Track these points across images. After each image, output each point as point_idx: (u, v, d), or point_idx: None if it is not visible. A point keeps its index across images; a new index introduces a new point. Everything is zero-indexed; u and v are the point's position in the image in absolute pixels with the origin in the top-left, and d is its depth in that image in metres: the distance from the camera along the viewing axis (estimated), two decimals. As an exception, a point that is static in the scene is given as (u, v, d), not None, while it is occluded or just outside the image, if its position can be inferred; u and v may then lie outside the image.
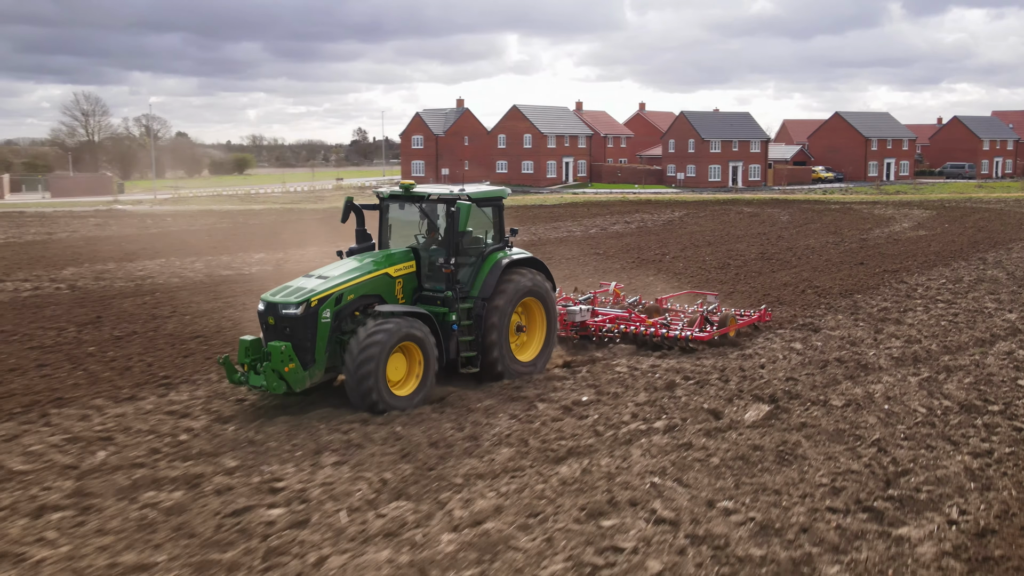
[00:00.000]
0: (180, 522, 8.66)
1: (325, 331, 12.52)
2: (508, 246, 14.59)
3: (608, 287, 19.23)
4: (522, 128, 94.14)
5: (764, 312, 18.24)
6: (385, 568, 7.61)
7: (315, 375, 12.58)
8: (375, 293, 13.28)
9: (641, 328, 16.55)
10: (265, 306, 12.70)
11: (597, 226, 46.18)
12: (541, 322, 14.83)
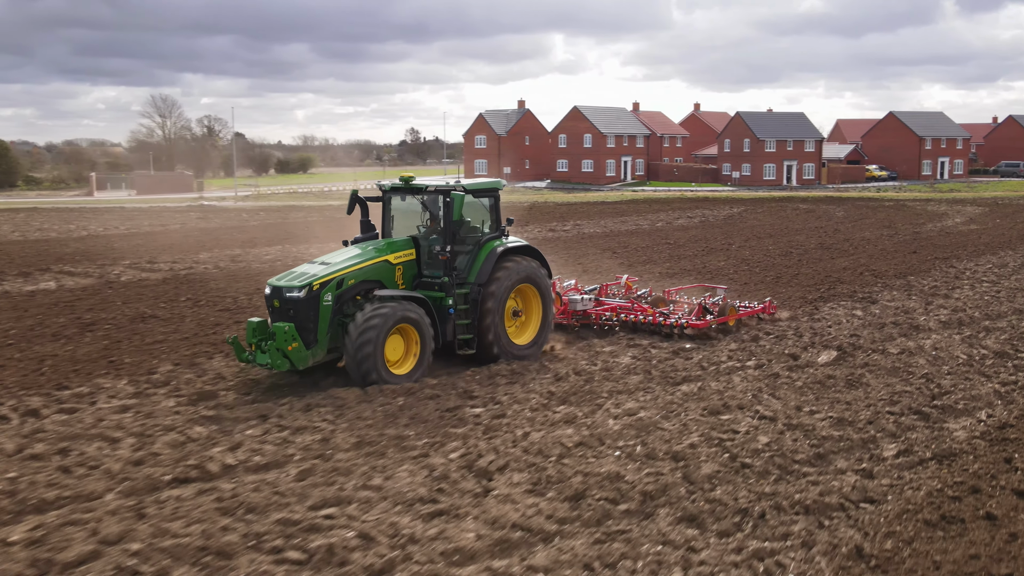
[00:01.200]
0: (412, 414, 12.04)
1: (327, 313, 13.38)
2: (504, 235, 15.32)
3: (620, 280, 20.27)
4: (582, 128, 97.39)
5: (768, 304, 18.71)
6: (574, 437, 10.88)
7: (317, 354, 13.44)
8: (375, 279, 14.09)
9: (640, 317, 17.25)
10: (271, 290, 13.61)
11: (662, 220, 49.16)
12: (537, 308, 15.54)
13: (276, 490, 9.20)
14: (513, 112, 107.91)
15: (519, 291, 15.26)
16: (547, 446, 10.54)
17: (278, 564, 7.55)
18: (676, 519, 8.54)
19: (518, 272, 14.90)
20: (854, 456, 10.38)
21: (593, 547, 7.91)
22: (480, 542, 7.94)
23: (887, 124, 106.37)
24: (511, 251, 15.08)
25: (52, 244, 36.99)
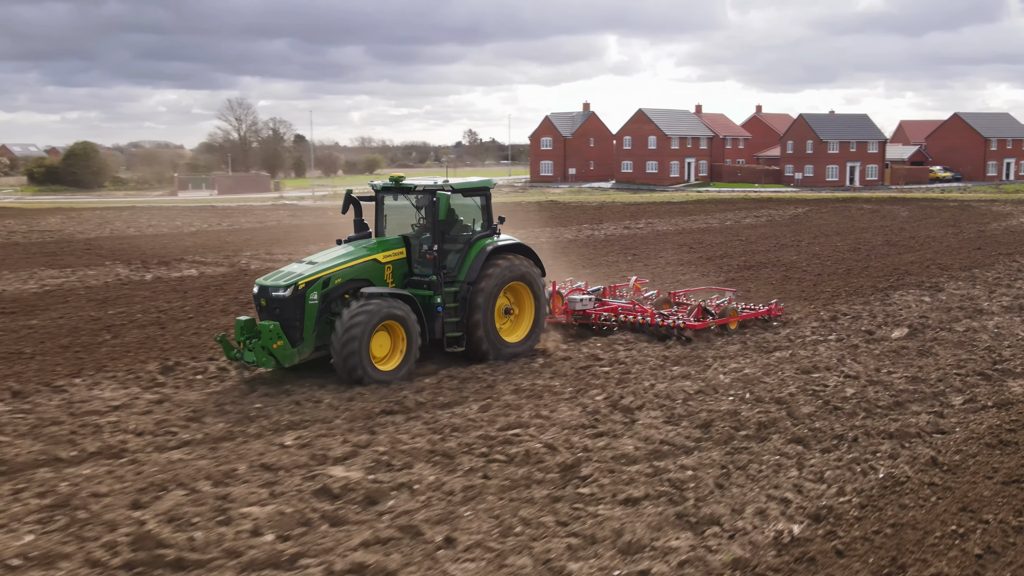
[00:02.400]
0: (553, 371, 14.57)
1: (313, 312, 13.61)
2: (496, 234, 15.48)
3: (629, 281, 20.38)
4: (647, 130, 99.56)
5: (774, 306, 18.70)
6: (692, 387, 13.30)
7: (304, 352, 13.68)
8: (364, 277, 14.26)
9: (639, 317, 17.32)
10: (258, 289, 13.91)
11: (730, 219, 51.16)
12: (530, 306, 15.68)
13: (467, 418, 11.81)
14: (578, 114, 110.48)
15: (511, 289, 15.44)
16: (672, 393, 12.99)
17: (490, 463, 10.11)
18: (786, 440, 10.93)
19: (508, 270, 15.03)
20: (927, 404, 12.65)
21: (725, 456, 10.35)
22: (638, 452, 10.43)
23: (952, 125, 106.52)
24: (502, 249, 15.22)
25: (170, 238, 40.42)
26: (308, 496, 9.05)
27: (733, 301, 18.63)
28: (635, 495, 9.07)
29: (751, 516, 8.58)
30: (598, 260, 30.57)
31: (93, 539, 7.98)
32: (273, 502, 8.88)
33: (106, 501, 8.86)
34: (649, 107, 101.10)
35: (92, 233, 43.74)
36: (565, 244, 36.45)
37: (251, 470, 9.80)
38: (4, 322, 19.26)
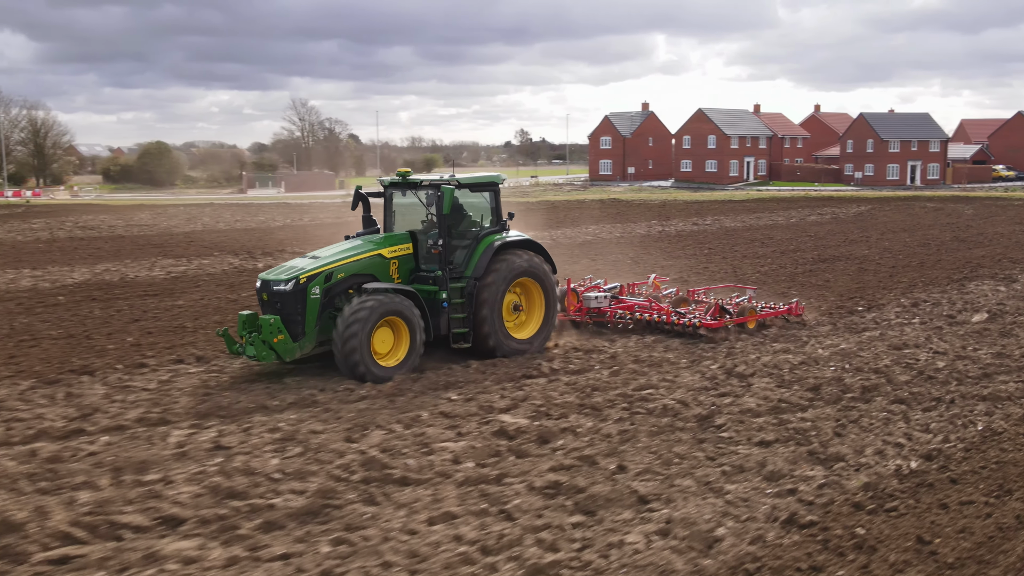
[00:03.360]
0: (666, 345, 16.14)
1: (314, 306, 13.52)
2: (505, 230, 15.33)
3: (649, 279, 20.43)
4: (706, 130, 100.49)
5: (795, 305, 18.32)
6: (795, 359, 14.77)
7: (305, 347, 13.63)
8: (368, 273, 14.16)
9: (655, 315, 17.16)
10: (261, 283, 13.89)
11: (795, 217, 52.14)
12: (540, 302, 15.52)
13: (601, 381, 13.44)
14: (637, 114, 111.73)
15: (521, 285, 15.32)
16: (778, 363, 14.48)
17: (633, 414, 11.72)
18: (889, 402, 12.38)
19: (516, 266, 14.88)
20: (1014, 375, 13.98)
21: (838, 412, 11.84)
22: (760, 407, 11.96)
23: (1015, 124, 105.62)
24: (511, 245, 15.10)
25: (263, 232, 42.70)
26: (489, 436, 10.75)
27: (753, 299, 18.21)
28: (767, 439, 10.63)
29: (871, 455, 10.09)
30: (676, 253, 32.01)
31: (328, 462, 9.76)
32: (462, 440, 10.60)
33: (323, 437, 10.66)
34: (709, 107, 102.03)
35: (186, 227, 46.24)
36: (638, 239, 37.91)
37: (432, 416, 11.55)
38: (154, 303, 21.36)
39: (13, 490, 8.97)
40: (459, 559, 7.40)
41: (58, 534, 7.91)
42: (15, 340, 16.92)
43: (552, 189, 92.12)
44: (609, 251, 32.45)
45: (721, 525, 8.08)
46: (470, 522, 8.18)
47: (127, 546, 7.73)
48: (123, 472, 9.50)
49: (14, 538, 7.80)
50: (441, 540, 7.77)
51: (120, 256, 32.11)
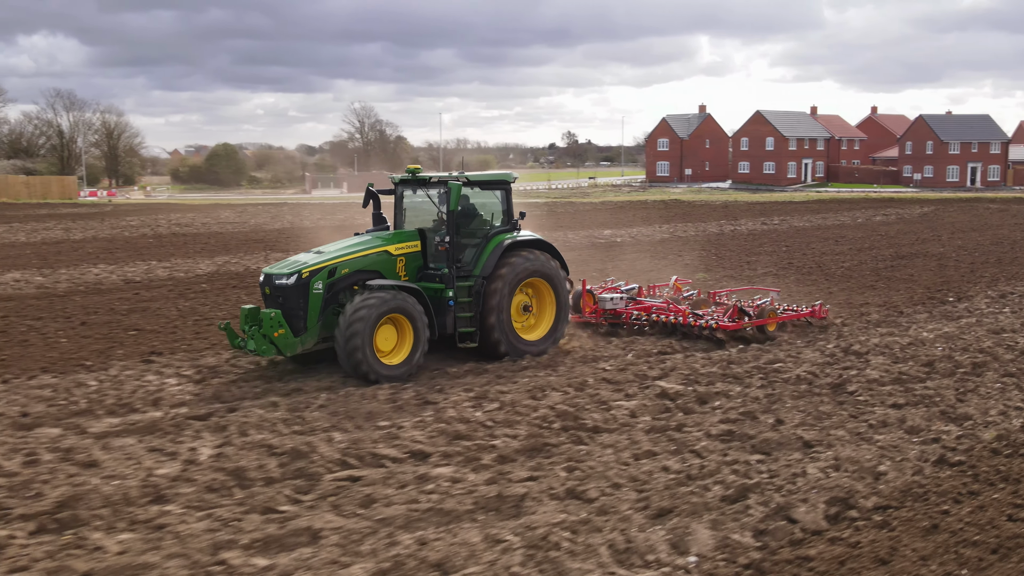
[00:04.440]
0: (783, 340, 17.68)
1: (317, 301, 13.38)
2: (516, 229, 15.12)
3: (670, 281, 19.86)
4: (764, 132, 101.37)
5: (819, 308, 17.96)
6: (902, 341, 16.21)
7: (307, 342, 13.47)
8: (373, 269, 14.01)
9: (671, 317, 16.77)
10: (264, 277, 13.79)
11: (861, 217, 53.10)
12: (550, 303, 15.30)
13: (732, 356, 15.01)
14: (694, 116, 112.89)
15: (532, 286, 15.14)
16: (888, 344, 15.91)
17: (771, 382, 13.25)
18: (1000, 375, 13.77)
19: (525, 266, 14.69)
20: (1108, 356, 15.32)
21: (955, 383, 13.27)
22: (884, 378, 13.44)
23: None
24: (521, 244, 14.93)
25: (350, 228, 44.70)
26: (653, 397, 12.40)
27: (775, 302, 17.96)
28: (899, 402, 12.13)
29: (995, 415, 11.55)
30: (755, 251, 33.39)
31: (525, 414, 11.48)
32: (632, 400, 12.26)
33: (511, 396, 12.38)
34: (767, 109, 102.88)
35: (274, 224, 48.52)
36: (714, 237, 39.31)
37: (597, 382, 13.23)
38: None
39: (274, 431, 10.82)
40: (673, 482, 9.06)
41: (336, 461, 9.73)
42: (191, 320, 18.94)
43: (611, 190, 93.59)
44: (689, 250, 33.91)
45: (881, 464, 9.63)
46: (669, 458, 9.84)
47: (396, 470, 9.52)
48: (356, 420, 11.31)
49: (304, 463, 9.63)
50: (652, 470, 9.44)
51: (230, 250, 34.27)
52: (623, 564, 7.30)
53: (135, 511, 8.40)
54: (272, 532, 7.83)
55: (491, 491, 8.78)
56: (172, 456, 9.91)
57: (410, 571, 7.10)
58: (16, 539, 7.73)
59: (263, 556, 7.39)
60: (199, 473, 9.34)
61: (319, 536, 7.77)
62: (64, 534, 7.87)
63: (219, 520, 8.17)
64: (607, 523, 7.99)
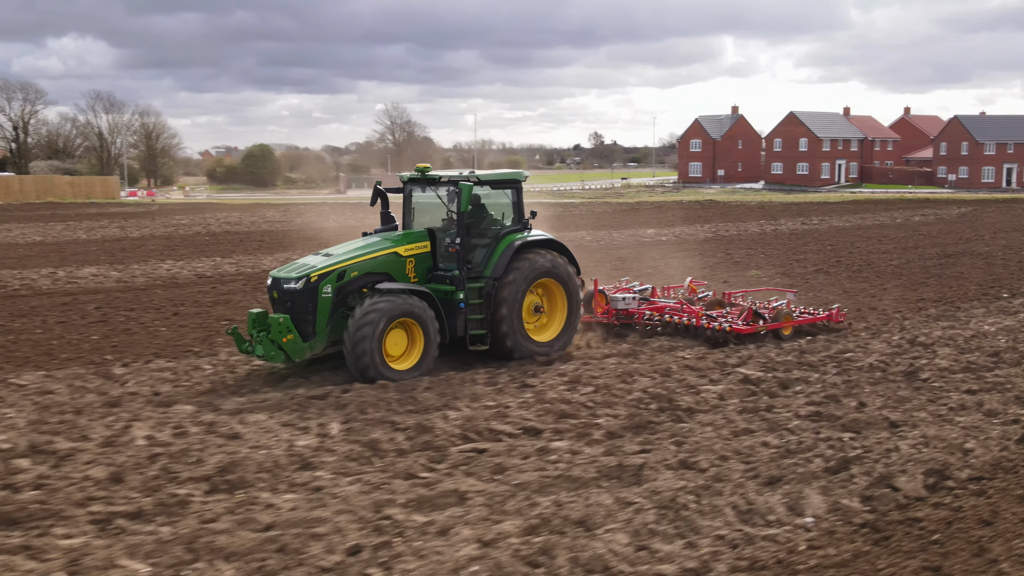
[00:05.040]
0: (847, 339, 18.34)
1: (326, 305, 13.14)
2: (527, 229, 14.81)
3: (684, 283, 19.38)
4: (798, 133, 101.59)
5: (836, 312, 17.55)
6: (965, 334, 16.80)
7: (316, 347, 13.25)
8: (382, 271, 13.75)
9: (684, 318, 16.45)
10: (272, 281, 13.60)
11: (900, 217, 53.43)
12: (562, 304, 15.06)
13: (803, 347, 15.69)
14: (727, 117, 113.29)
15: (542, 286, 14.90)
16: (952, 336, 16.52)
17: (846, 370, 13.93)
18: (1066, 365, 14.41)
19: (537, 266, 14.44)
20: None
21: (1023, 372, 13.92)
22: (954, 367, 14.07)
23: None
24: (532, 244, 14.66)
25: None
26: (736, 382, 13.11)
27: (792, 304, 17.61)
28: (972, 388, 12.78)
29: (1068, 400, 12.20)
30: (801, 250, 33.95)
31: (621, 397, 12.23)
32: (717, 385, 12.98)
33: (603, 380, 13.14)
34: (800, 110, 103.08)
35: (320, 223, 49.54)
36: (756, 237, 39.89)
37: (680, 369, 13.96)
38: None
39: (391, 409, 11.65)
40: (776, 455, 9.79)
41: (457, 435, 10.55)
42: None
43: (645, 191, 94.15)
44: (735, 248, 34.55)
45: (967, 442, 10.30)
46: (766, 435, 10.57)
47: (516, 444, 10.32)
48: (463, 400, 12.12)
49: (429, 436, 10.46)
50: (753, 445, 10.17)
51: (288, 247, 35.28)
52: (747, 523, 8.05)
53: (290, 475, 9.26)
54: (423, 494, 8.65)
55: (611, 461, 9.56)
56: (305, 430, 10.76)
57: (556, 527, 7.88)
58: (195, 497, 8.60)
59: (420, 514, 8.21)
60: (336, 445, 10.19)
61: (465, 498, 8.58)
62: (236, 493, 8.74)
63: (369, 484, 9.00)
64: (725, 488, 8.75)
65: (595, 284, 17.34)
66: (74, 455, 9.82)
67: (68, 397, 12.40)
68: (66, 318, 18.98)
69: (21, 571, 7.05)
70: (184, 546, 7.42)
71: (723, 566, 7.20)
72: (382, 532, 7.77)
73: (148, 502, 8.44)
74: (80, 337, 16.97)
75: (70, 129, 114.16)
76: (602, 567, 7.13)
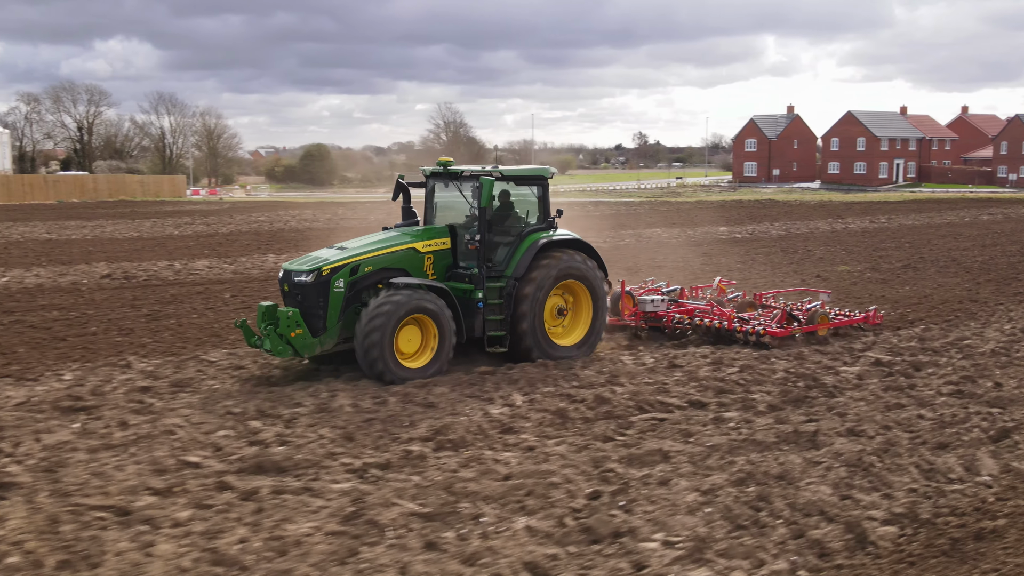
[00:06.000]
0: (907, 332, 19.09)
1: (338, 300, 12.73)
2: (552, 228, 14.32)
3: (713, 283, 19.07)
4: (855, 132, 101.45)
5: (873, 313, 17.04)
6: None
7: (326, 343, 12.84)
8: (398, 267, 13.34)
9: (715, 321, 15.90)
10: (283, 273, 13.25)
11: (967, 216, 53.47)
12: (587, 306, 14.45)
13: (918, 334, 16.48)
14: (782, 117, 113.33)
15: (567, 288, 14.31)
16: None
17: (968, 356, 14.72)
18: None
19: (561, 267, 13.88)
20: None
21: None
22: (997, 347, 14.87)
23: None
24: (557, 244, 14.11)
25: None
26: (869, 365, 13.97)
27: (826, 305, 17.14)
28: (1096, 372, 13.56)
29: None
30: (879, 247, 34.49)
31: (767, 376, 13.14)
32: (852, 367, 13.84)
33: (741, 363, 14.06)
34: (858, 109, 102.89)
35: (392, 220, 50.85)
36: (830, 235, 40.41)
37: (811, 353, 14.82)
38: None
39: (557, 385, 12.68)
40: (935, 425, 10.68)
41: (632, 407, 11.56)
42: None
43: (701, 190, 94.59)
44: (815, 245, 35.16)
45: (1109, 416, 11.12)
46: (918, 408, 11.44)
47: (689, 414, 11.32)
48: (623, 377, 13.09)
49: (608, 407, 11.49)
50: (909, 417, 11.06)
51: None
52: (932, 479, 8.97)
53: (499, 437, 10.35)
54: (631, 452, 9.69)
55: (785, 428, 10.54)
56: (490, 401, 11.84)
57: (760, 479, 8.86)
58: (428, 453, 9.72)
59: (634, 468, 9.25)
60: (527, 413, 11.25)
61: (669, 456, 9.61)
62: (461, 451, 9.85)
63: (574, 445, 10.07)
64: (901, 452, 9.67)
65: (622, 286, 16.86)
66: (296, 418, 11.00)
67: (259, 371, 13.62)
68: (212, 305, 20.32)
69: (316, 505, 8.20)
70: (443, 490, 8.53)
71: (926, 513, 8.14)
72: (609, 482, 8.82)
73: (388, 456, 9.58)
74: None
75: (128, 128, 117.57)
76: (818, 511, 8.10)
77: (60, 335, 16.60)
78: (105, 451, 9.75)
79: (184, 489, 8.62)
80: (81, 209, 63.53)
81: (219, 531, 7.63)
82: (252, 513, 8.04)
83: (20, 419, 10.93)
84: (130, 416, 11.01)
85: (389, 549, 7.31)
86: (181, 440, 10.11)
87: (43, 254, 31.87)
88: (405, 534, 7.60)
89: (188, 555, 7.18)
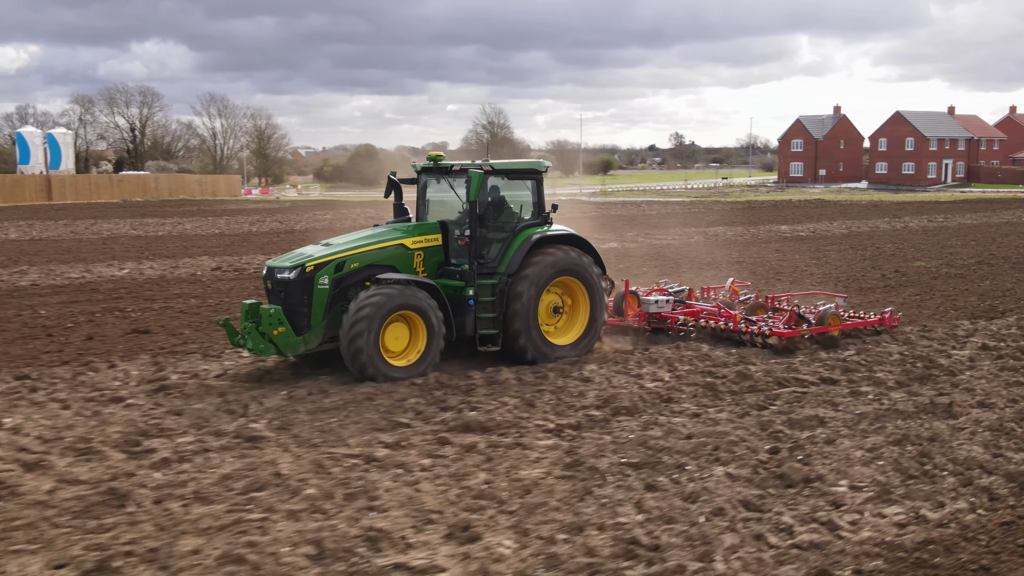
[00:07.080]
0: None
1: (322, 297, 12.48)
2: (547, 223, 14.02)
3: (726, 283, 18.77)
4: (903, 132, 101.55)
5: (889, 315, 16.43)
6: None
7: (310, 341, 12.58)
8: (386, 263, 13.03)
9: (721, 322, 15.48)
10: (267, 270, 12.97)
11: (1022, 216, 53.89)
12: (584, 305, 14.12)
13: (942, 335, 17.43)
14: (828, 117, 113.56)
15: (563, 285, 13.97)
16: None
17: None
18: None
19: (556, 263, 13.53)
20: None
21: None
22: None
23: None
24: (552, 240, 13.79)
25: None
26: (977, 348, 14.99)
27: (840, 307, 16.71)
28: None
29: None
30: (946, 244, 35.22)
31: (883, 357, 14.24)
32: (961, 351, 14.85)
33: (855, 345, 15.14)
34: (906, 109, 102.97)
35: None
36: (892, 233, 41.14)
37: (917, 339, 15.86)
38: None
39: (693, 364, 13.84)
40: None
41: (772, 382, 12.70)
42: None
43: (748, 190, 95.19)
44: (882, 243, 35.95)
45: None
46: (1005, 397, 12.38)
47: (826, 389, 12.43)
48: (751, 357, 14.22)
49: (751, 382, 12.64)
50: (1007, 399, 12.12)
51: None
52: (1072, 444, 10.04)
53: (664, 405, 11.56)
54: (790, 418, 10.86)
55: (922, 400, 11.65)
56: (638, 377, 13.04)
57: (914, 440, 9.98)
58: (608, 417, 10.96)
59: (797, 431, 10.40)
60: (679, 387, 12.43)
61: (824, 421, 10.77)
62: (636, 415, 11.06)
63: (734, 412, 11.25)
64: (1037, 421, 10.75)
65: (626, 285, 16.63)
66: (473, 389, 12.26)
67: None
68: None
69: (534, 456, 9.46)
70: (640, 446, 9.75)
71: (1078, 470, 9.23)
72: (781, 441, 10.00)
73: (574, 420, 10.82)
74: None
75: (175, 129, 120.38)
76: (977, 464, 9.22)
77: (211, 319, 18.03)
78: (322, 413, 11.08)
79: (410, 443, 9.91)
80: (148, 207, 65.74)
81: (464, 474, 8.91)
82: (484, 461, 9.32)
83: (232, 387, 12.32)
84: (327, 386, 12.32)
85: (617, 489, 8.54)
86: (383, 405, 11.41)
87: (143, 248, 33.61)
88: (623, 479, 8.83)
89: (450, 491, 8.45)
